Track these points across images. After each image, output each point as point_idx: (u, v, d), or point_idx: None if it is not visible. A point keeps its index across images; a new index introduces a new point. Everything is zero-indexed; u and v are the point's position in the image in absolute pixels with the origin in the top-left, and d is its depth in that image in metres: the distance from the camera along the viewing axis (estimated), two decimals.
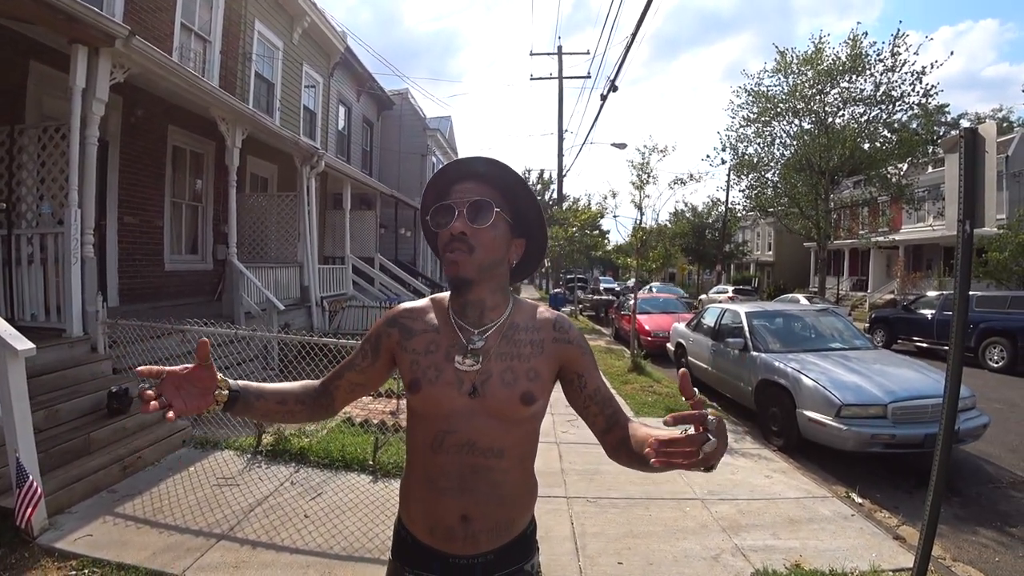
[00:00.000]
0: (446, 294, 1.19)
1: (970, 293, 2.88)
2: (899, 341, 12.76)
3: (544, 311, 1.19)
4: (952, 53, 21.20)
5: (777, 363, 5.64)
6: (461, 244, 1.05)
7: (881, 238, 23.64)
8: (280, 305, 7.29)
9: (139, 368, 1.02)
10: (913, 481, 4.56)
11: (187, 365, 1.04)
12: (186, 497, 3.58)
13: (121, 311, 6.04)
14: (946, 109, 18.34)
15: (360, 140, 16.88)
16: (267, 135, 7.99)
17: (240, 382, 1.13)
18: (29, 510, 2.77)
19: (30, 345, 2.99)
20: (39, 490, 2.85)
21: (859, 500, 3.96)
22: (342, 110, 15.28)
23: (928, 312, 12.06)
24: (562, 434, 5.24)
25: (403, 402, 5.72)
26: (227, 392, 1.09)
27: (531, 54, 22.65)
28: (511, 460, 1.09)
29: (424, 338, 1.12)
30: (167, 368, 1.02)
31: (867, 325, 14.20)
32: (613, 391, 5.56)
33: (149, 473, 3.92)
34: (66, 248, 4.65)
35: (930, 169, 21.74)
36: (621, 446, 1.10)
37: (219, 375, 1.07)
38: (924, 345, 11.90)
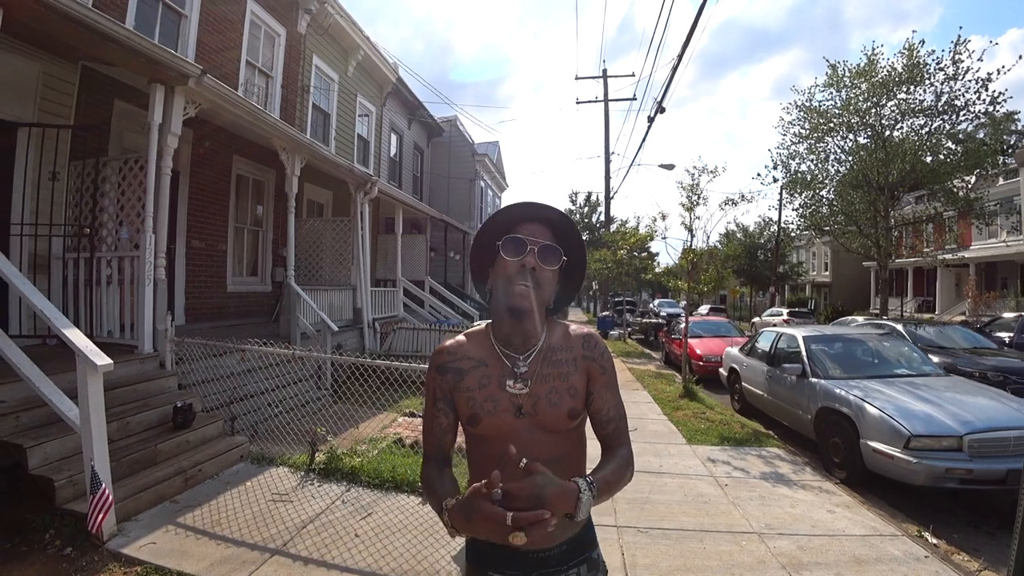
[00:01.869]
0: (481, 326, 1.31)
1: None
2: None
3: (575, 329, 1.30)
4: (1021, 57, 20.00)
5: (838, 390, 5.36)
6: (530, 281, 1.17)
7: (949, 255, 22.21)
8: (334, 326, 7.52)
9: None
10: (995, 522, 4.19)
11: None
12: (242, 511, 3.70)
13: (186, 330, 6.39)
14: (1016, 116, 17.20)
15: (411, 166, 17.42)
16: (323, 163, 8.37)
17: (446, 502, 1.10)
18: (100, 516, 2.93)
19: (108, 361, 3.21)
20: (110, 498, 3.02)
21: (933, 540, 3.68)
22: (394, 137, 15.84)
23: (1006, 335, 11.23)
24: None
25: None
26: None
27: (576, 78, 22.89)
28: (569, 461, 1.20)
29: (475, 375, 1.22)
30: None
31: None
32: (665, 418, 5.30)
33: (208, 486, 4.09)
34: (141, 270, 4.99)
35: (1001, 181, 20.38)
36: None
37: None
38: None
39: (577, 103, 20.63)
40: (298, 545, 3.29)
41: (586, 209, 39.33)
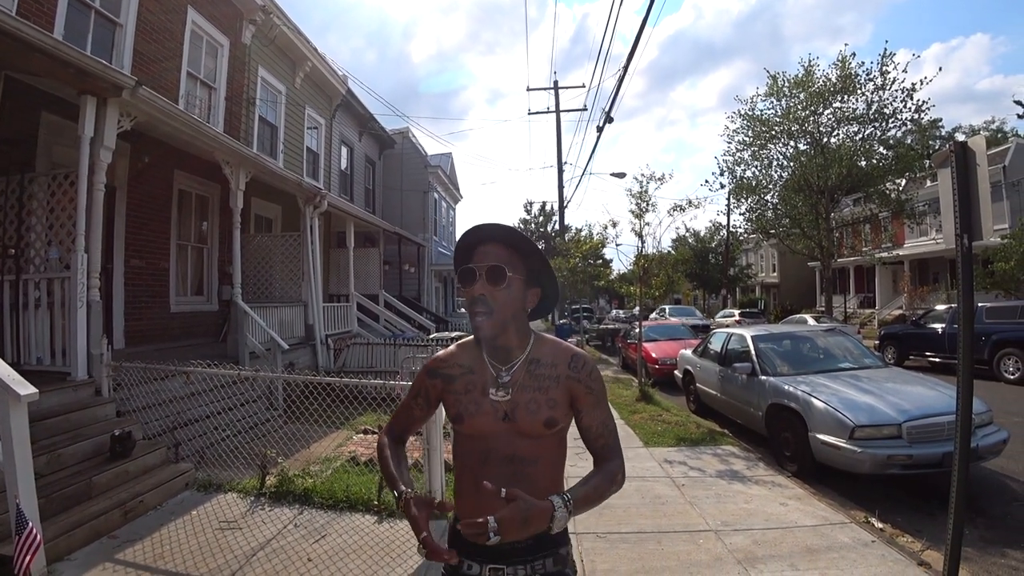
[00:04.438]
0: (472, 338, 1.38)
1: (979, 305, 2.86)
2: (911, 357, 12.57)
3: (565, 347, 1.37)
4: (940, 69, 21.80)
5: (786, 386, 5.55)
6: (483, 307, 1.24)
7: (885, 254, 23.54)
8: (284, 344, 7.29)
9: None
10: (935, 503, 4.40)
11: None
12: (187, 542, 3.51)
13: (126, 353, 6.05)
14: (939, 124, 18.54)
15: (362, 179, 17.16)
16: (270, 177, 8.14)
17: (404, 485, 1.25)
18: (28, 558, 2.71)
19: (33, 390, 2.99)
20: (38, 537, 2.80)
21: (879, 525, 3.84)
22: (344, 150, 15.58)
23: (938, 326, 11.88)
24: (569, 467, 5.11)
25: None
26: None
27: (528, 89, 23.26)
28: (544, 464, 1.29)
29: (463, 380, 1.33)
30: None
31: (877, 342, 14.02)
32: (622, 422, 5.37)
33: (150, 518, 3.86)
34: (72, 292, 4.70)
35: (928, 183, 21.78)
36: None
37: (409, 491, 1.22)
38: (937, 360, 11.68)
39: (529, 114, 21.01)
40: (248, 574, 3.14)
41: (541, 218, 39.69)
